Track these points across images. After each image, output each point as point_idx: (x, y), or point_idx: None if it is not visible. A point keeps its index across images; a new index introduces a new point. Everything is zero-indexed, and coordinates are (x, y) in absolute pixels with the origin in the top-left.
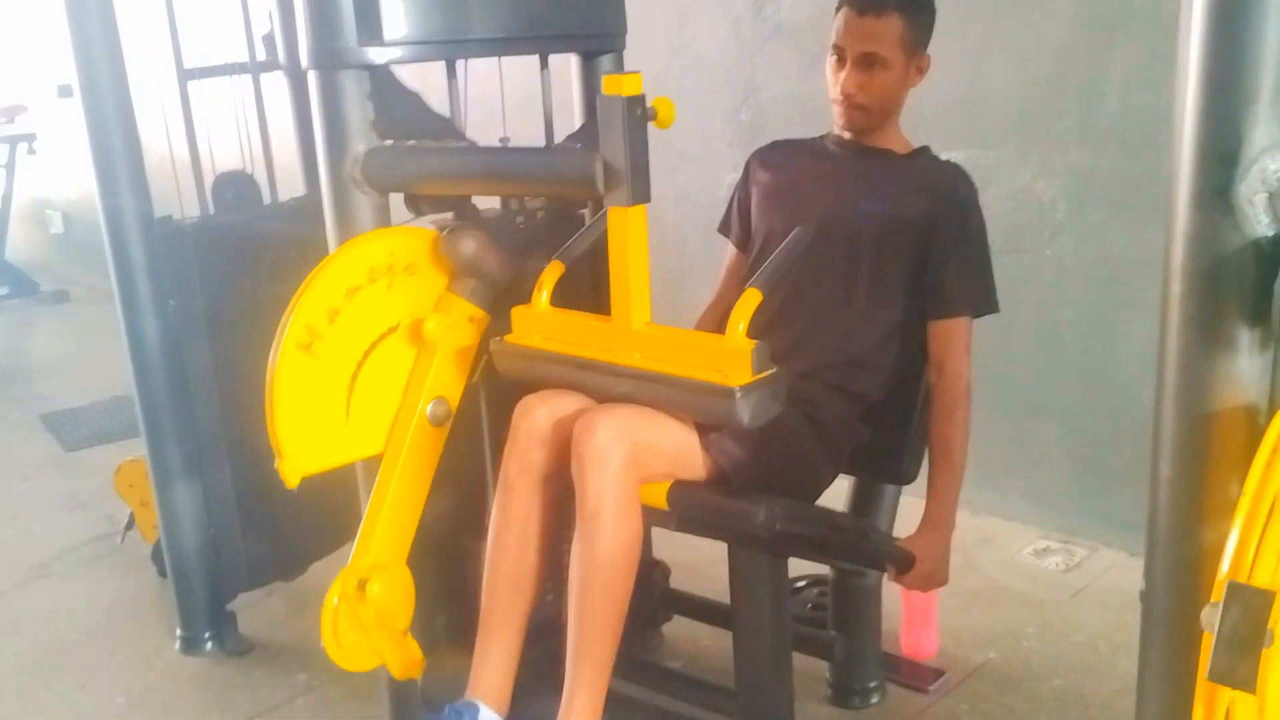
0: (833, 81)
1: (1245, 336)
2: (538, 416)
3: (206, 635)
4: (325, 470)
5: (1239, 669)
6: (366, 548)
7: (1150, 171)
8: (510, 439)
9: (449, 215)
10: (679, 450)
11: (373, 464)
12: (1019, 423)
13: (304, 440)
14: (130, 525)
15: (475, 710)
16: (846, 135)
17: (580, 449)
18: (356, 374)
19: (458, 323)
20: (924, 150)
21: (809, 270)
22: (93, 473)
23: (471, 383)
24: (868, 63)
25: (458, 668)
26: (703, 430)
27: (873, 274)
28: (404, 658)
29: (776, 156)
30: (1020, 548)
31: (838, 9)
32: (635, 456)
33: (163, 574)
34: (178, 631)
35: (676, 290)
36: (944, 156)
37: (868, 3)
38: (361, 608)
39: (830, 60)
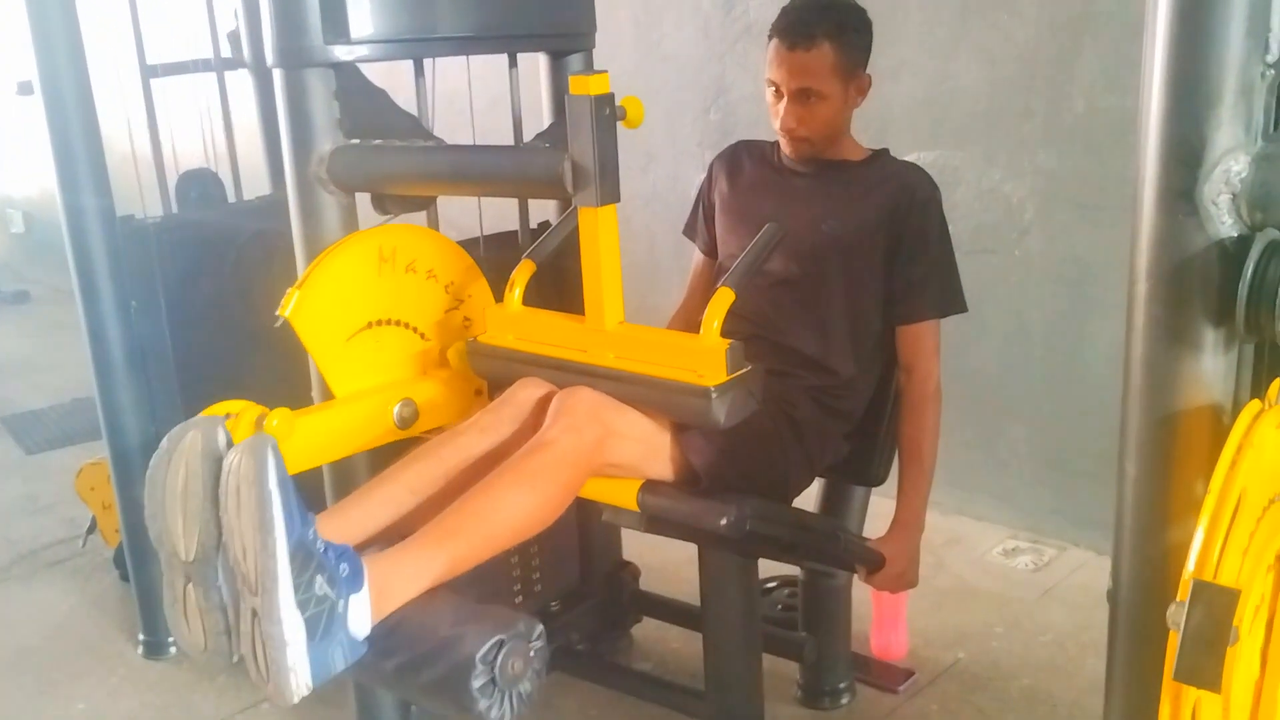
0: (773, 114)
1: (1210, 336)
2: (533, 395)
3: (170, 639)
4: (305, 338)
5: (1204, 668)
6: (287, 412)
7: (1116, 173)
8: (502, 398)
9: None
10: (649, 443)
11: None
12: (987, 423)
13: (319, 300)
14: (92, 529)
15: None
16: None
17: (559, 407)
18: (380, 324)
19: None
20: (882, 153)
21: (782, 299)
22: (53, 476)
23: (423, 436)
24: (804, 96)
25: None
26: (675, 428)
27: (846, 294)
28: None
29: (738, 165)
30: (989, 548)
31: (769, 38)
32: (605, 439)
33: (125, 578)
34: (140, 636)
35: (646, 291)
36: (912, 157)
37: (797, 36)
38: (245, 435)
39: (768, 92)
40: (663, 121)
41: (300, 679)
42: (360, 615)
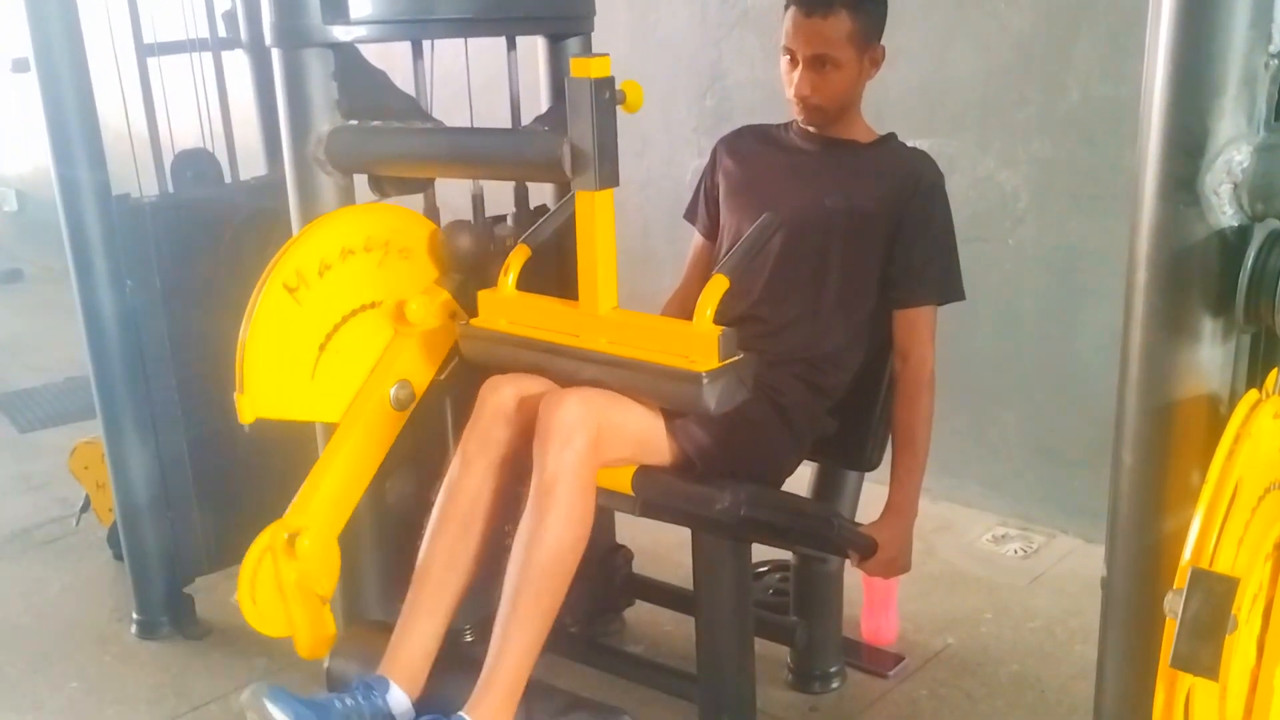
0: (787, 82)
1: (1208, 326)
2: (504, 395)
3: (163, 619)
4: (279, 419)
5: (1202, 655)
6: (304, 508)
7: (1110, 162)
8: (475, 415)
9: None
10: (644, 435)
11: (332, 429)
12: (978, 410)
13: (268, 381)
14: (85, 508)
15: (386, 686)
16: (810, 129)
17: (545, 424)
18: (331, 336)
19: (439, 313)
20: (890, 137)
21: (779, 271)
22: (46, 454)
23: (439, 379)
24: (820, 63)
25: (371, 649)
26: (668, 416)
27: (843, 270)
28: (316, 630)
29: (743, 146)
30: (979, 534)
31: (786, 7)
32: (599, 439)
33: (119, 557)
34: (134, 615)
35: (639, 277)
36: (907, 145)
37: (814, 3)
38: (285, 564)
39: (783, 60)
40: (658, 107)
41: None
42: None
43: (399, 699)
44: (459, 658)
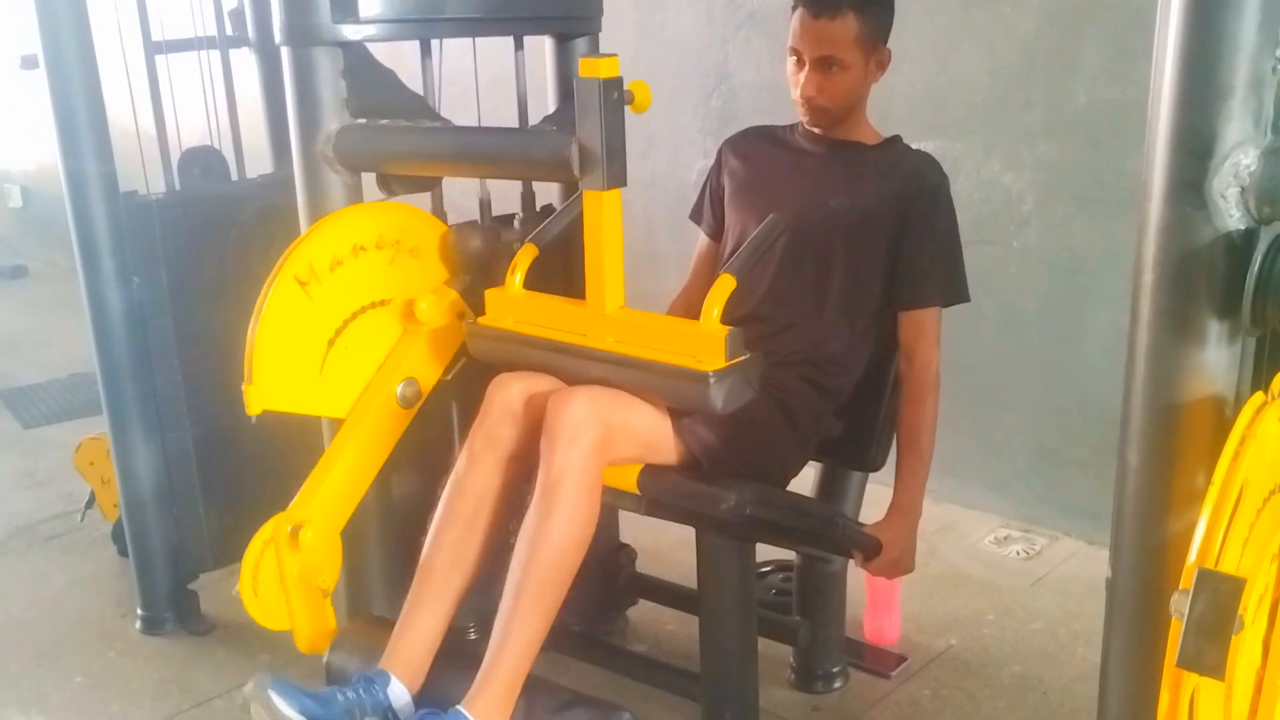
0: (793, 83)
1: (1215, 328)
2: (512, 392)
3: (168, 615)
4: (286, 412)
5: (1208, 655)
6: (308, 501)
7: (1115, 165)
8: (482, 412)
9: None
10: (650, 434)
11: (339, 425)
12: (982, 412)
13: (276, 373)
14: (90, 504)
15: (387, 680)
16: (816, 130)
17: (553, 422)
18: (340, 332)
19: (447, 312)
20: (895, 140)
21: (783, 272)
22: (51, 450)
23: (445, 379)
24: (826, 65)
25: (371, 644)
26: (675, 415)
27: (847, 271)
28: (316, 624)
29: (749, 147)
30: (981, 536)
31: (793, 9)
32: (606, 437)
33: (123, 553)
34: (139, 611)
35: (643, 277)
36: (912, 147)
37: (822, 5)
38: (288, 556)
39: (789, 61)
40: (663, 107)
41: None
42: None
43: (399, 692)
44: (461, 654)
